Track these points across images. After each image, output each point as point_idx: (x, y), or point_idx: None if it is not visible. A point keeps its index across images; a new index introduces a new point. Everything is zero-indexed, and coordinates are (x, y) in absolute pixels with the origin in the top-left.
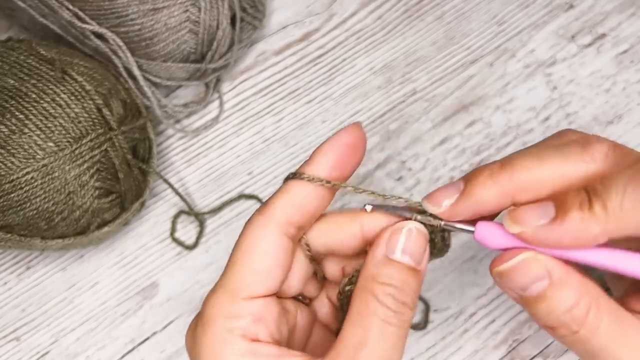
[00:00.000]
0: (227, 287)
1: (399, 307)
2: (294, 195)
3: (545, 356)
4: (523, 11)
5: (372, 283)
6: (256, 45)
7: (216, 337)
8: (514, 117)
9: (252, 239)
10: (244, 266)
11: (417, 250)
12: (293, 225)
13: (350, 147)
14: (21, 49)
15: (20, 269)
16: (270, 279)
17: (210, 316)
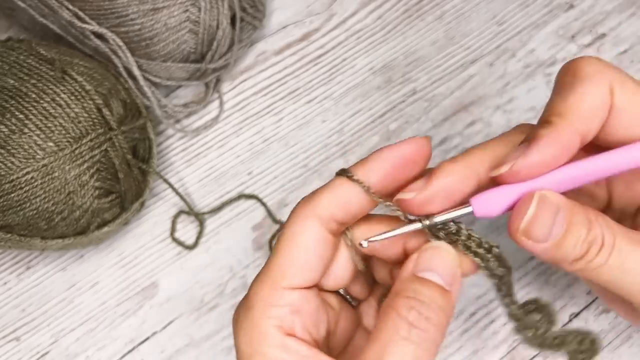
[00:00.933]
0: (268, 275)
1: (421, 323)
2: (339, 193)
3: (545, 356)
4: (523, 11)
5: (397, 298)
6: (256, 45)
7: (254, 323)
8: (514, 117)
9: (294, 229)
10: (285, 256)
11: (446, 270)
12: (335, 221)
13: (409, 160)
14: (21, 48)
15: (20, 269)
16: (309, 271)
17: (252, 301)
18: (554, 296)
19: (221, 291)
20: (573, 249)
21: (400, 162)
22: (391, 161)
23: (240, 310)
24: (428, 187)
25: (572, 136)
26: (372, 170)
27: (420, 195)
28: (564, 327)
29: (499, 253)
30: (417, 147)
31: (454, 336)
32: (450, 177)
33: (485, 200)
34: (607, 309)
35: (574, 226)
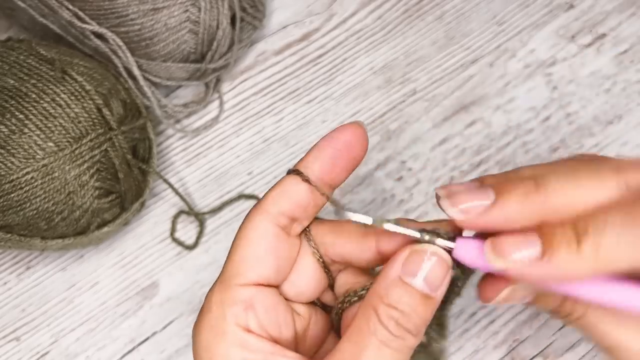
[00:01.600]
0: (222, 277)
1: (400, 332)
2: (286, 189)
3: (545, 356)
4: (523, 11)
5: (378, 302)
6: (256, 45)
7: (210, 324)
8: (514, 117)
9: (244, 230)
10: (235, 254)
11: (436, 278)
12: (285, 215)
13: (347, 146)
14: (21, 48)
15: (20, 269)
16: (260, 266)
17: (207, 304)
18: None
19: None
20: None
21: (340, 150)
22: (331, 150)
23: (198, 318)
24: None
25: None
26: (314, 163)
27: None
28: (562, 328)
29: None
30: (350, 132)
31: (454, 336)
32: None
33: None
34: None
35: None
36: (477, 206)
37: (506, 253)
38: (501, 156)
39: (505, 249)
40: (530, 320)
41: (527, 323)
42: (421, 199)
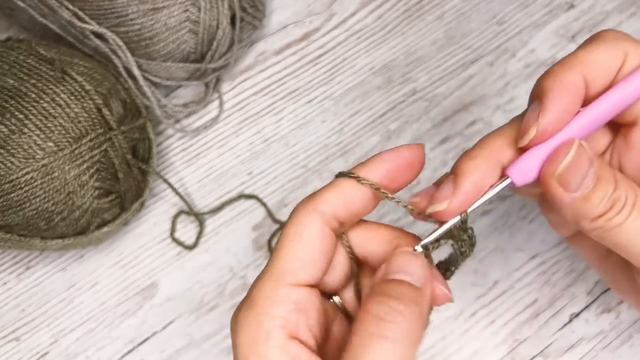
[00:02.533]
0: (272, 272)
1: (391, 316)
2: (342, 191)
3: (545, 356)
4: (523, 11)
5: (368, 300)
6: (256, 45)
7: (257, 321)
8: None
9: (297, 225)
10: (289, 252)
11: (416, 271)
12: (336, 219)
13: (408, 163)
14: (21, 48)
15: (20, 269)
16: (314, 267)
17: (255, 299)
18: (554, 296)
19: (221, 291)
20: (598, 204)
21: (400, 165)
22: (391, 164)
23: (242, 309)
24: (457, 192)
25: (577, 80)
26: (373, 170)
27: (452, 203)
28: (562, 328)
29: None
30: (414, 151)
31: (454, 336)
32: (475, 175)
33: (520, 168)
34: (608, 309)
35: (603, 181)
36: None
37: (523, 127)
38: None
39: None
40: (530, 320)
41: (527, 323)
42: None
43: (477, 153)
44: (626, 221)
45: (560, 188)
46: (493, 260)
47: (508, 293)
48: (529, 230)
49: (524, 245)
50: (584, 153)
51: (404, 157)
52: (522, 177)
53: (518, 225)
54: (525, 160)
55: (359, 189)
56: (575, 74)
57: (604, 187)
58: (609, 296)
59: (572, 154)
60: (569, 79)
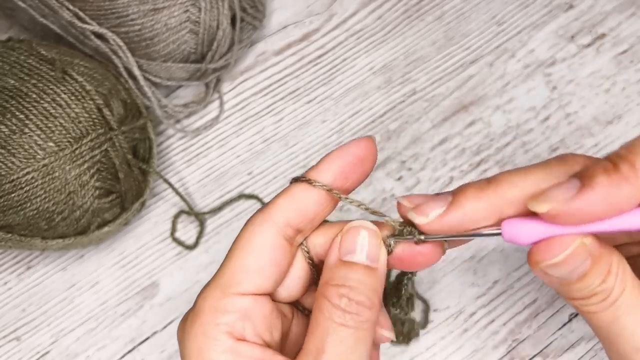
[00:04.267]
0: (218, 281)
1: (353, 308)
2: (295, 197)
3: (544, 356)
4: (523, 11)
5: (326, 287)
6: (256, 45)
7: (202, 330)
8: (513, 117)
9: (248, 235)
10: (236, 262)
11: (370, 249)
12: (291, 227)
13: (359, 159)
14: (21, 49)
15: (21, 269)
16: (261, 278)
17: (200, 308)
18: (554, 296)
19: None
20: (579, 292)
21: (350, 162)
22: (341, 162)
23: (187, 318)
24: (444, 218)
25: (633, 195)
26: (324, 172)
27: (434, 223)
28: (561, 328)
29: None
30: (363, 146)
31: (453, 336)
32: (470, 212)
33: (518, 228)
34: None
35: (591, 275)
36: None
37: (548, 195)
38: (501, 156)
39: (547, 192)
40: (530, 320)
41: (527, 323)
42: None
43: (485, 193)
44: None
45: (545, 275)
46: (492, 260)
47: (507, 293)
48: None
49: None
50: (581, 253)
51: (354, 154)
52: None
53: None
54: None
55: (312, 192)
56: (636, 191)
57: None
58: None
59: (564, 255)
60: (623, 193)
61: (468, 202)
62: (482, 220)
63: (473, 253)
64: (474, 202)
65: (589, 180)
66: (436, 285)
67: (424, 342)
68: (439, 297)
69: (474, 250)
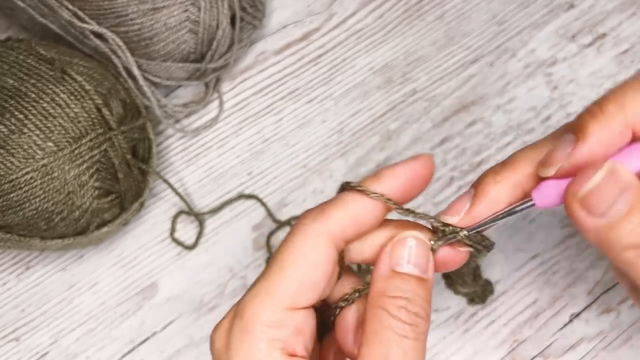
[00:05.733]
0: (272, 294)
1: (412, 320)
2: (352, 209)
3: (545, 356)
4: (523, 11)
5: (382, 298)
6: (256, 45)
7: (256, 346)
8: (514, 116)
9: (303, 247)
10: (292, 276)
11: (421, 260)
12: (345, 239)
13: (419, 176)
14: (20, 48)
15: (20, 269)
16: (315, 292)
17: (251, 322)
18: (555, 296)
19: (221, 291)
20: (628, 234)
21: (412, 178)
22: (402, 177)
23: (233, 332)
24: (472, 210)
25: (624, 129)
26: (386, 185)
27: (465, 218)
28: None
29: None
30: (425, 163)
31: (454, 336)
32: (494, 196)
33: (547, 194)
34: (608, 309)
35: (636, 211)
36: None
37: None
38: (501, 156)
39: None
40: (531, 321)
41: (527, 323)
42: (421, 199)
43: (503, 176)
44: None
45: (583, 211)
46: (493, 261)
47: (508, 293)
48: (529, 231)
49: (524, 245)
50: (615, 177)
51: (415, 170)
52: (547, 201)
53: (518, 226)
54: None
55: (370, 204)
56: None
57: (637, 214)
58: (609, 296)
59: (599, 176)
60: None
61: (489, 188)
62: (508, 201)
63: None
64: (495, 187)
65: (580, 130)
66: (437, 285)
67: None
68: (440, 297)
69: None
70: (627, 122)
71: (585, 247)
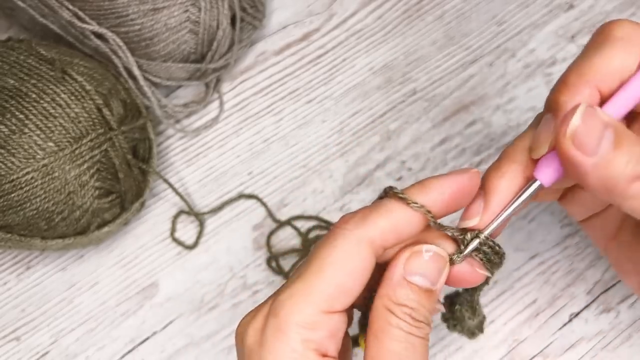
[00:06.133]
0: (309, 296)
1: (416, 324)
2: (395, 218)
3: (545, 356)
4: (523, 11)
5: (390, 303)
6: (256, 45)
7: (291, 347)
8: (514, 117)
9: (344, 251)
10: (331, 279)
11: (434, 272)
12: (384, 247)
13: (464, 191)
14: (21, 48)
15: (20, 269)
16: (351, 297)
17: (287, 322)
18: (554, 296)
19: (221, 291)
20: (626, 165)
21: (457, 192)
22: (449, 192)
23: (267, 329)
24: (488, 207)
25: (593, 93)
26: (430, 198)
27: (483, 220)
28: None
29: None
30: (472, 179)
31: (454, 336)
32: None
33: (547, 169)
34: (608, 308)
35: (624, 144)
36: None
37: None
38: None
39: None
40: (530, 320)
41: (527, 323)
42: None
43: (505, 169)
44: None
45: (579, 151)
46: None
47: (507, 293)
48: (529, 230)
49: (523, 244)
50: (594, 114)
51: (462, 184)
52: (551, 177)
53: (518, 225)
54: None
55: (412, 215)
56: (591, 88)
57: (626, 147)
58: (608, 296)
59: (579, 113)
60: (584, 94)
61: (497, 182)
62: (517, 190)
63: None
64: (501, 180)
65: (554, 106)
66: None
67: None
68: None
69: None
70: (590, 86)
71: (584, 247)
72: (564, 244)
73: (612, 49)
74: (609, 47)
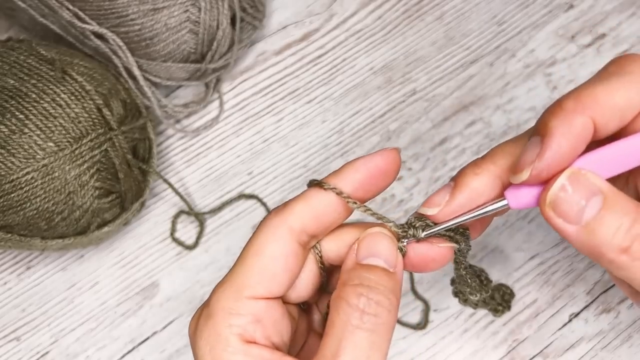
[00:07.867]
0: (233, 282)
1: (372, 308)
2: (313, 203)
3: (545, 356)
4: (523, 11)
5: (345, 288)
6: (256, 45)
7: (216, 331)
8: (514, 117)
9: (263, 239)
10: (251, 265)
11: (386, 252)
12: (307, 233)
13: (382, 171)
14: (21, 49)
15: (21, 269)
16: (274, 283)
17: (214, 308)
18: (554, 296)
19: None
20: (614, 235)
21: (373, 173)
22: (364, 172)
23: (201, 315)
24: (452, 202)
25: (586, 124)
26: (345, 181)
27: (443, 210)
28: (561, 328)
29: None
30: (388, 158)
31: (453, 336)
32: (473, 189)
33: (519, 194)
34: (607, 308)
35: (613, 211)
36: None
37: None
38: None
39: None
40: (530, 321)
41: (527, 323)
42: (421, 199)
43: (482, 168)
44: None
45: (560, 219)
46: (493, 260)
47: None
48: (529, 230)
49: (523, 245)
50: (578, 181)
51: (377, 165)
52: (519, 200)
53: (518, 225)
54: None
55: (331, 200)
56: (585, 118)
57: (615, 215)
58: (608, 296)
59: (562, 180)
60: (577, 123)
61: (469, 180)
62: (487, 194)
63: (473, 253)
64: (474, 178)
65: (543, 129)
66: (436, 285)
67: (424, 342)
68: (439, 297)
69: (474, 250)
70: (585, 115)
71: None
72: (563, 244)
73: (618, 82)
74: (616, 80)
